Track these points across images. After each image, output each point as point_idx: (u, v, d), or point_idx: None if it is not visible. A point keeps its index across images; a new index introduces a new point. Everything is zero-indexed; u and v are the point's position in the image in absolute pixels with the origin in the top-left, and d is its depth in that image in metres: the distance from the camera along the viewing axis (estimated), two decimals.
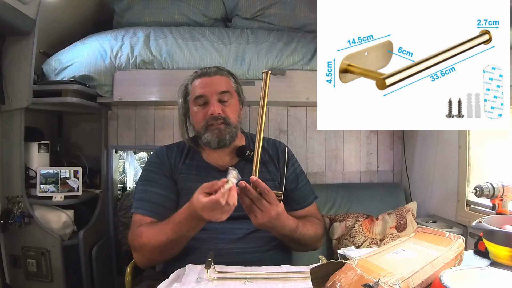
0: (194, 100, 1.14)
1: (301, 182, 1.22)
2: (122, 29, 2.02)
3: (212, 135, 1.10)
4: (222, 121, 1.11)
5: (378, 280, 0.57)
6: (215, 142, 1.11)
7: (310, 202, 1.22)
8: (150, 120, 2.06)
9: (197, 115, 1.13)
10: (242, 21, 2.14)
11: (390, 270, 0.61)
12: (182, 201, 1.09)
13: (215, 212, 0.83)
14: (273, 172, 1.18)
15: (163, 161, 1.14)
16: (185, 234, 0.91)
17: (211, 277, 0.80)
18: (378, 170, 2.19)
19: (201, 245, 0.99)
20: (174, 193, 1.10)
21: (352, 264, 0.63)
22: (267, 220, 0.90)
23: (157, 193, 1.06)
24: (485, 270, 0.68)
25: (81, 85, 1.75)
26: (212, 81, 1.13)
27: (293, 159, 1.25)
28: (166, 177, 1.11)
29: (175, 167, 1.14)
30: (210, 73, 1.15)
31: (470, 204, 1.57)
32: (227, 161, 1.16)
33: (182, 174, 1.13)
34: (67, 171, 1.80)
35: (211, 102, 1.11)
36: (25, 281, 1.68)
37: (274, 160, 1.21)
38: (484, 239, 0.86)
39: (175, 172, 1.13)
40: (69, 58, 1.85)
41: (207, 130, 1.11)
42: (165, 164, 1.14)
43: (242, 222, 1.05)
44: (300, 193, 1.21)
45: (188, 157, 1.17)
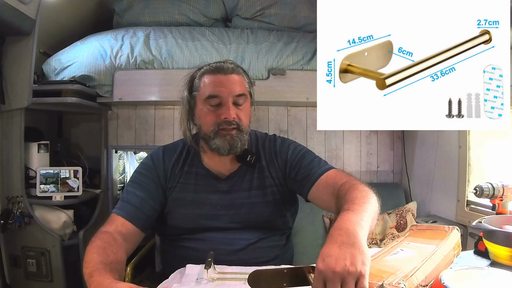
0: (205, 99, 1.00)
1: (306, 160, 1.05)
2: (122, 29, 2.02)
3: (223, 141, 0.99)
4: (235, 127, 1.00)
5: (382, 283, 0.57)
6: (225, 149, 1.00)
7: (323, 170, 1.00)
8: (150, 120, 2.06)
9: (207, 117, 1.01)
10: (242, 21, 2.14)
11: (392, 271, 0.61)
12: (175, 211, 1.03)
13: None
14: (276, 174, 1.08)
15: (156, 166, 1.06)
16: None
17: (211, 277, 0.80)
18: (378, 170, 2.19)
19: (200, 255, 0.91)
20: (158, 202, 1.02)
21: None
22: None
23: (139, 197, 1.00)
24: (485, 270, 0.68)
25: (81, 85, 1.75)
26: (228, 80, 1.00)
27: (286, 148, 1.09)
28: (154, 183, 1.03)
29: (172, 173, 1.06)
30: (226, 71, 1.01)
31: (470, 204, 1.57)
32: (228, 167, 1.07)
33: (179, 183, 1.05)
34: (67, 171, 1.80)
35: (226, 105, 0.99)
36: (25, 281, 1.68)
37: (273, 159, 1.10)
38: (484, 239, 0.86)
39: (170, 178, 1.06)
40: (69, 58, 1.85)
41: (217, 135, 0.99)
42: (158, 169, 1.06)
43: (243, 232, 1.02)
44: (307, 166, 1.03)
45: (187, 162, 1.08)
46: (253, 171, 1.06)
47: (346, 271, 0.54)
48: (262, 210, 1.04)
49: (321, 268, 0.56)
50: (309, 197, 1.01)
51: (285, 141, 1.13)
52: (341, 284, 0.55)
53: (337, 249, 0.58)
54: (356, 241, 0.59)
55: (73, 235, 1.78)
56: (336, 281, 0.54)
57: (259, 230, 1.04)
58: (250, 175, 1.06)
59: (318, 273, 0.57)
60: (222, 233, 1.02)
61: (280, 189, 1.07)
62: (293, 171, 1.05)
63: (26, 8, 1.47)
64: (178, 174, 1.06)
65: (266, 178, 1.06)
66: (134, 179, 1.05)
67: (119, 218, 0.95)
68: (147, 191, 1.01)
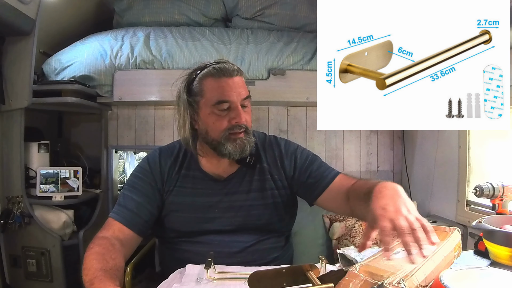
0: (214, 104, 0.97)
1: (316, 164, 1.07)
2: (122, 29, 2.02)
3: (235, 146, 0.98)
4: (244, 130, 0.99)
5: (382, 282, 0.57)
6: (237, 154, 0.99)
7: (333, 174, 1.04)
8: (150, 120, 2.06)
9: (217, 122, 0.98)
10: (242, 21, 2.14)
11: (392, 271, 0.61)
12: (173, 215, 1.02)
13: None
14: (279, 177, 1.07)
15: (153, 169, 1.05)
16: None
17: (211, 277, 0.80)
18: (378, 170, 2.19)
19: (198, 258, 0.91)
20: (155, 206, 1.02)
21: (354, 271, 0.63)
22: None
23: (136, 201, 0.99)
24: (485, 270, 0.68)
25: (81, 85, 1.75)
26: (235, 83, 0.98)
27: (294, 151, 1.10)
28: (151, 186, 1.02)
29: (168, 176, 1.04)
30: (231, 73, 0.99)
31: (470, 204, 1.57)
32: (226, 169, 1.06)
33: (176, 187, 1.04)
34: (67, 171, 1.80)
35: (236, 109, 0.97)
36: (25, 281, 1.68)
37: (277, 162, 1.09)
38: (484, 239, 0.86)
39: (167, 182, 1.04)
40: (69, 58, 1.85)
41: (228, 140, 0.98)
42: (155, 173, 1.04)
43: (241, 234, 1.01)
44: (318, 170, 1.06)
45: (184, 165, 1.07)
46: (253, 173, 1.05)
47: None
48: (261, 213, 1.03)
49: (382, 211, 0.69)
50: (319, 200, 1.02)
51: (290, 145, 1.12)
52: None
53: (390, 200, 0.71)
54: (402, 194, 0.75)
55: (73, 235, 1.78)
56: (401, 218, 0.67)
57: (257, 232, 1.03)
58: (249, 177, 1.05)
59: (381, 214, 0.68)
60: (220, 236, 1.01)
61: (282, 192, 1.06)
62: (303, 175, 1.05)
63: (26, 8, 1.47)
64: (175, 177, 1.05)
65: (267, 181, 1.05)
66: (130, 182, 1.04)
67: (116, 223, 0.95)
68: (144, 195, 1.00)
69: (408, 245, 0.64)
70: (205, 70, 1.01)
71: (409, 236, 0.64)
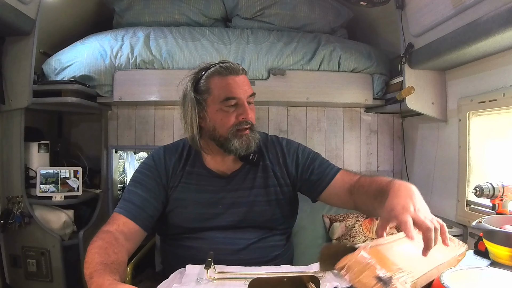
0: (222, 101, 1.00)
1: (317, 161, 1.10)
2: (122, 29, 2.02)
3: (241, 142, 1.00)
4: (250, 126, 1.02)
5: (391, 276, 0.57)
6: (243, 149, 1.01)
7: (335, 170, 1.07)
8: (150, 120, 2.06)
9: (225, 119, 1.01)
10: (242, 21, 2.14)
11: (400, 266, 0.61)
12: (177, 211, 1.03)
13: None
14: (281, 175, 1.09)
15: (158, 166, 1.06)
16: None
17: (211, 277, 0.80)
18: (378, 170, 2.19)
19: (200, 255, 0.91)
20: (160, 201, 1.03)
21: (365, 250, 0.61)
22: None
23: (141, 196, 1.00)
24: (485, 270, 0.68)
25: (81, 85, 1.75)
26: (241, 81, 1.02)
27: (295, 150, 1.13)
28: (156, 182, 1.04)
29: (173, 173, 1.06)
30: (237, 71, 1.02)
31: (470, 204, 1.57)
32: (230, 166, 1.08)
33: (181, 183, 1.05)
34: (67, 171, 1.80)
35: (243, 105, 1.01)
36: (25, 281, 1.68)
37: (279, 159, 1.11)
38: (484, 239, 0.86)
39: (172, 178, 1.06)
40: (69, 58, 1.85)
41: (235, 136, 1.00)
42: (160, 169, 1.06)
43: (244, 231, 1.02)
44: (321, 167, 1.08)
45: (189, 163, 1.08)
46: (257, 170, 1.07)
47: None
48: (263, 209, 1.04)
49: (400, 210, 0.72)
50: (322, 195, 1.05)
51: (292, 143, 1.16)
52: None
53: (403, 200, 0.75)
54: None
55: (73, 235, 1.78)
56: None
57: (260, 229, 1.04)
58: (253, 174, 1.07)
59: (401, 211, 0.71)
60: (223, 233, 1.02)
61: (285, 189, 1.08)
62: (305, 172, 1.08)
63: (26, 8, 1.47)
64: (179, 174, 1.06)
65: (270, 178, 1.07)
66: (135, 178, 1.05)
67: (121, 217, 0.95)
68: (149, 190, 1.01)
69: (430, 241, 0.66)
70: (211, 69, 1.04)
71: (432, 232, 0.67)
